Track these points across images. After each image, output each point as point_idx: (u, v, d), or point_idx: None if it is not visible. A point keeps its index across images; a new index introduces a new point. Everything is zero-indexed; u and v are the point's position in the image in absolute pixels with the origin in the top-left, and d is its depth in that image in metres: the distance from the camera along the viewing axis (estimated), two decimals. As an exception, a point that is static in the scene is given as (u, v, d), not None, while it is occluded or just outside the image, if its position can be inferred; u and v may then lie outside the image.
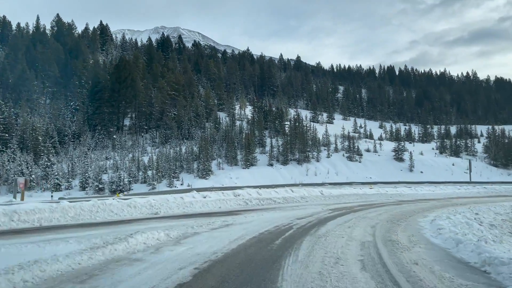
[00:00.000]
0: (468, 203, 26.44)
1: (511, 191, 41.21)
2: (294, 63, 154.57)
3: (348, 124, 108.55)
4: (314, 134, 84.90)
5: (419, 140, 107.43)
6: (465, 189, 39.20)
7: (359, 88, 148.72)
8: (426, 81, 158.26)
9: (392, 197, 30.58)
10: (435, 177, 72.20)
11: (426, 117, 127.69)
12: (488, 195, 36.63)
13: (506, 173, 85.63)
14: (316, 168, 76.16)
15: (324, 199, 25.89)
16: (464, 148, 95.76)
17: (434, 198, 31.50)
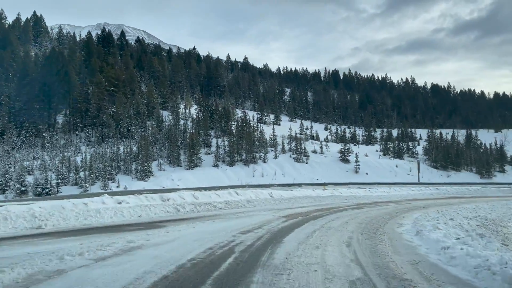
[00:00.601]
0: (430, 206, 23.48)
1: (462, 192, 39.19)
2: (242, 64, 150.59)
3: (295, 126, 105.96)
4: (261, 134, 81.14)
5: (363, 142, 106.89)
6: (419, 191, 36.63)
7: (305, 91, 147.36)
8: (368, 86, 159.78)
9: (347, 200, 26.94)
10: (379, 178, 70.88)
11: (369, 120, 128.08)
12: (442, 196, 34.24)
13: (445, 174, 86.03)
14: (263, 169, 72.33)
15: (275, 202, 21.62)
16: (406, 150, 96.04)
17: (391, 200, 28.33)
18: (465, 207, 23.90)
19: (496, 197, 35.85)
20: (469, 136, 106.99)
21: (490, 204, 26.95)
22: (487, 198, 32.99)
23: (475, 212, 21.59)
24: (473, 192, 40.76)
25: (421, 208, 21.66)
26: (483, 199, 31.72)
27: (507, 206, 27.23)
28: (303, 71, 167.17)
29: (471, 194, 38.76)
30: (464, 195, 35.96)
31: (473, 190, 41.40)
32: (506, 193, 41.44)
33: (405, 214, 17.89)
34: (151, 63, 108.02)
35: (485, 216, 19.97)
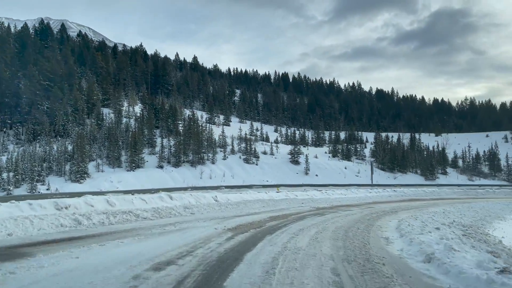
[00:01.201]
0: (397, 210, 20.48)
1: (419, 194, 36.72)
2: (191, 64, 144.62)
3: (245, 127, 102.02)
4: (210, 135, 76.41)
5: (313, 144, 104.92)
6: (376, 193, 33.68)
7: (255, 93, 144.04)
8: (317, 89, 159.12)
9: (305, 203, 23.16)
10: (329, 180, 68.50)
11: (317, 122, 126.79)
12: (402, 199, 31.49)
13: (392, 176, 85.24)
14: (211, 170, 67.66)
15: (220, 208, 17.30)
16: (354, 152, 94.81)
17: (351, 203, 24.95)
18: (434, 211, 20.90)
19: (454, 199, 33.61)
20: (413, 139, 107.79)
21: (456, 208, 24.20)
22: (447, 200, 30.50)
23: (447, 217, 18.96)
24: (429, 194, 38.55)
25: (390, 213, 18.29)
26: (444, 202, 29.21)
27: (473, 209, 24.79)
28: (253, 73, 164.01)
29: (428, 196, 36.48)
30: (422, 197, 33.54)
31: (429, 192, 39.23)
32: (460, 194, 39.54)
33: (379, 222, 14.24)
34: (94, 59, 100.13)
35: (460, 222, 17.26)
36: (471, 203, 27.29)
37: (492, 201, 31.09)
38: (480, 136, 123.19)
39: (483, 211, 24.16)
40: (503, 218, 22.88)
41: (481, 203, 28.41)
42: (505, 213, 25.29)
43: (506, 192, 43.58)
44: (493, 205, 27.43)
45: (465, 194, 39.91)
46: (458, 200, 31.36)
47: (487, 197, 38.01)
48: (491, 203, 28.25)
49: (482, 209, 24.95)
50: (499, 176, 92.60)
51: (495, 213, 24.07)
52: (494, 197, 38.91)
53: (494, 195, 42.08)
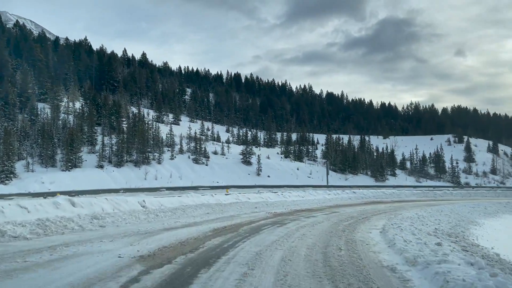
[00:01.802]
0: (368, 216, 17.31)
1: (379, 196, 33.75)
2: (140, 60, 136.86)
3: (195, 126, 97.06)
4: (156, 133, 70.74)
5: (265, 145, 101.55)
6: (335, 195, 30.29)
7: (207, 92, 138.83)
8: (269, 91, 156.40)
9: (258, 208, 19.14)
10: (282, 181, 65.39)
11: (269, 123, 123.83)
12: (364, 201, 28.27)
13: (344, 177, 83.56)
14: (157, 171, 62.25)
15: (147, 217, 12.80)
16: (306, 153, 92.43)
17: (311, 207, 21.32)
18: (407, 216, 17.82)
19: (416, 201, 30.84)
20: (363, 141, 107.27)
21: (426, 212, 21.13)
22: (410, 203, 27.60)
23: (426, 223, 15.70)
24: (390, 195, 35.80)
25: (362, 221, 14.89)
26: (409, 204, 26.23)
27: (443, 213, 22.03)
28: (205, 72, 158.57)
29: (389, 197, 33.69)
30: (384, 199, 30.61)
31: (389, 194, 36.49)
32: (420, 196, 37.10)
33: (358, 235, 10.44)
34: (31, 51, 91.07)
35: (442, 230, 14.60)
36: (438, 206, 24.44)
37: (455, 203, 28.55)
38: (425, 139, 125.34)
39: (454, 215, 21.28)
40: (476, 223, 20.19)
41: (447, 205, 25.66)
42: (475, 217, 22.67)
43: (463, 194, 41.95)
44: (459, 208, 24.75)
45: (424, 196, 37.62)
46: (422, 203, 28.59)
47: (447, 199, 35.84)
48: (457, 206, 25.58)
49: (452, 212, 22.09)
50: (444, 177, 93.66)
51: (465, 217, 21.34)
52: (453, 198, 36.89)
53: (452, 196, 40.22)
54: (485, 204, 27.31)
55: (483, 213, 23.93)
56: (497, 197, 44.08)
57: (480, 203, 28.94)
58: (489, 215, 24.05)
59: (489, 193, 44.72)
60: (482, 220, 21.73)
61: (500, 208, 26.75)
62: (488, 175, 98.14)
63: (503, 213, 25.26)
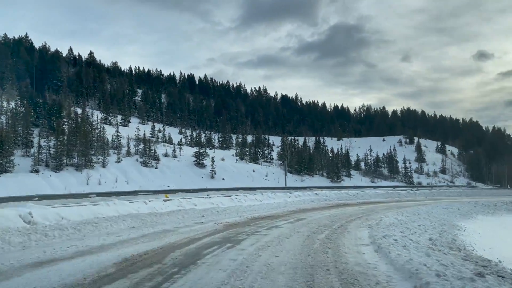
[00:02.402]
0: (341, 221, 14.21)
1: (344, 197, 30.74)
2: (87, 60, 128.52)
3: (146, 128, 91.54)
4: (102, 134, 64.88)
5: (219, 147, 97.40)
6: (297, 197, 26.88)
7: (159, 93, 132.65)
8: (224, 92, 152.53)
9: (206, 217, 15.43)
10: (237, 183, 61.66)
11: (224, 125, 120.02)
12: (330, 204, 25.21)
13: (300, 179, 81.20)
14: (101, 175, 56.68)
15: (22, 242, 8.66)
16: (262, 155, 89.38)
17: (272, 213, 17.93)
18: (389, 223, 14.57)
19: (384, 202, 28.04)
20: (318, 143, 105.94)
21: (403, 215, 18.14)
22: (379, 205, 24.71)
23: (413, 231, 13.07)
24: (353, 197, 32.89)
25: (340, 232, 11.41)
26: (378, 206, 23.28)
27: (421, 216, 19.90)
28: (157, 73, 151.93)
29: (354, 199, 30.84)
30: (350, 201, 27.75)
31: (353, 195, 33.56)
32: (385, 197, 34.52)
33: (351, 258, 6.88)
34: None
35: (436, 239, 11.89)
36: (411, 208, 21.69)
37: (427, 205, 25.96)
38: (378, 140, 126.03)
39: (433, 218, 18.65)
40: (458, 227, 17.63)
41: (420, 207, 22.90)
42: (453, 219, 20.15)
43: (426, 193, 39.99)
44: (434, 210, 22.11)
45: (389, 197, 35.14)
46: (391, 204, 25.82)
47: (412, 199, 33.45)
48: (430, 207, 22.94)
49: (429, 215, 19.35)
50: (397, 177, 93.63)
51: (446, 220, 18.85)
52: (418, 199, 34.65)
53: (416, 196, 38.08)
54: (456, 205, 24.93)
55: (459, 215, 21.36)
56: (459, 196, 42.59)
57: (451, 203, 26.53)
58: (465, 216, 21.53)
59: (452, 193, 43.24)
60: (461, 223, 19.11)
61: (472, 208, 24.48)
62: (438, 174, 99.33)
63: (476, 214, 22.88)
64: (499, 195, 45.99)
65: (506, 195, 47.57)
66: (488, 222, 20.60)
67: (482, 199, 31.97)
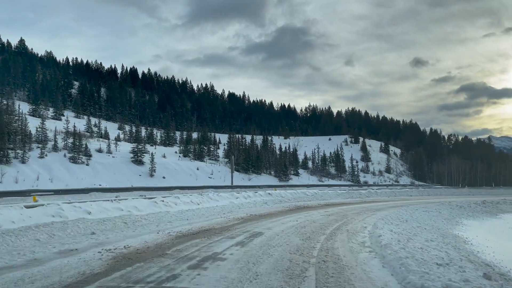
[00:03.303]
0: (321, 238, 8.40)
1: (300, 197, 25.77)
2: (17, 48, 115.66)
3: (81, 123, 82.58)
4: (23, 126, 56.12)
5: (162, 144, 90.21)
6: (246, 198, 21.57)
7: (98, 87, 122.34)
8: (169, 88, 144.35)
9: (97, 234, 9.77)
10: (179, 182, 55.75)
11: (168, 122, 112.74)
12: (288, 207, 20.04)
13: (247, 178, 76.43)
14: (19, 172, 48.46)
15: None
16: (207, 153, 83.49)
17: (212, 225, 12.50)
18: (389, 239, 8.93)
19: (348, 203, 23.42)
20: (266, 141, 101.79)
21: (391, 222, 12.97)
22: (346, 207, 19.87)
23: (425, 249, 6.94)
24: (312, 197, 28.08)
25: (330, 258, 6.13)
26: (348, 209, 18.46)
27: (409, 222, 14.15)
28: (97, 65, 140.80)
29: (312, 200, 26.18)
30: (309, 203, 22.95)
31: (311, 195, 28.64)
32: (345, 197, 30.04)
33: None
34: None
35: None
36: (388, 211, 17.17)
37: (396, 206, 21.63)
38: (324, 140, 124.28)
39: (425, 225, 13.82)
40: (457, 237, 12.94)
41: (398, 211, 18.40)
42: (442, 225, 15.53)
43: (388, 193, 36.25)
44: (414, 213, 17.64)
45: (350, 197, 30.78)
46: (359, 206, 21.26)
47: (377, 200, 29.28)
48: (408, 211, 18.45)
49: (415, 220, 15.03)
50: (344, 176, 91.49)
51: (440, 228, 14.00)
52: (381, 199, 30.56)
53: (378, 196, 34.14)
54: (433, 207, 20.89)
55: (444, 220, 17.17)
56: (422, 196, 39.40)
57: (425, 205, 22.40)
58: (451, 221, 17.42)
59: (413, 192, 39.94)
60: (456, 231, 14.61)
61: (451, 211, 20.51)
62: (383, 173, 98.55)
63: (460, 218, 18.77)
64: (460, 195, 43.64)
65: (466, 194, 45.37)
66: (479, 228, 16.45)
67: (452, 200, 28.67)
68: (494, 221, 19.92)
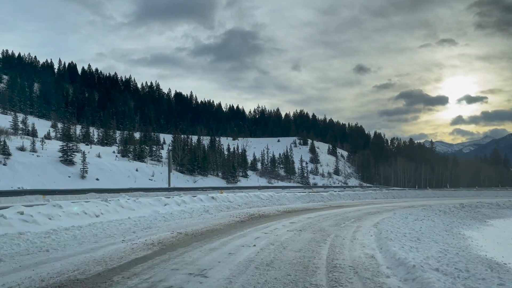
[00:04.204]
0: None
1: (255, 202, 20.86)
2: None
3: (8, 119, 72.91)
4: None
5: (99, 143, 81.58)
6: (179, 205, 15.56)
7: (30, 81, 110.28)
8: (111, 85, 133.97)
9: None
10: (114, 184, 48.66)
11: (109, 120, 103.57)
12: (238, 217, 14.21)
13: (192, 179, 70.43)
14: None
15: None
16: (149, 153, 76.29)
17: (99, 263, 5.77)
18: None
19: (312, 209, 18.56)
20: (213, 141, 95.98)
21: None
22: (316, 215, 14.92)
23: None
24: (267, 201, 22.36)
25: None
26: (318, 218, 13.33)
27: (405, 236, 8.56)
28: (30, 59, 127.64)
29: (270, 205, 20.89)
30: (266, 211, 17.49)
31: (266, 199, 22.79)
32: (306, 200, 25.07)
33: None
34: None
35: None
36: (370, 221, 12.20)
37: (373, 213, 16.94)
38: (273, 141, 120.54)
39: (433, 240, 8.80)
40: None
41: (381, 218, 13.56)
42: (448, 240, 10.52)
43: (351, 195, 31.79)
44: (407, 222, 12.77)
45: (311, 200, 25.78)
46: (328, 213, 16.45)
47: (344, 204, 24.51)
48: (399, 218, 13.66)
49: (416, 233, 9.67)
50: (294, 178, 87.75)
51: (446, 242, 9.08)
52: (350, 203, 25.84)
53: (341, 199, 29.51)
54: (412, 212, 16.44)
55: (445, 231, 12.46)
56: (387, 198, 35.43)
57: (411, 211, 17.84)
58: (451, 233, 12.76)
59: (377, 194, 35.88)
60: (473, 250, 9.93)
61: (443, 220, 16.02)
62: (332, 175, 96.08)
63: (458, 228, 14.29)
64: (426, 197, 40.39)
65: (431, 196, 42.26)
66: (484, 241, 12.19)
67: (425, 203, 24.74)
68: (491, 230, 15.74)
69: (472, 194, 47.62)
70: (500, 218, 20.06)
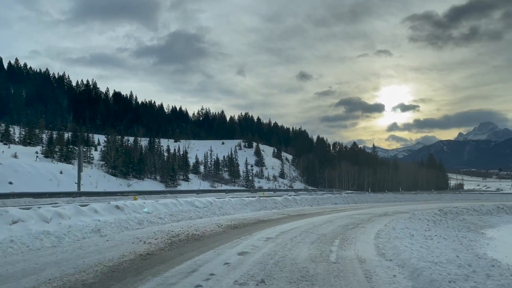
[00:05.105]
0: None
1: (184, 212, 14.79)
2: None
3: None
4: None
5: (22, 143, 71.43)
6: (49, 222, 9.60)
7: None
8: (42, 82, 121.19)
9: None
10: (32, 188, 41.04)
11: (37, 119, 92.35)
12: (151, 242, 8.29)
13: (126, 183, 63.30)
14: None
15: None
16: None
17: None
18: None
19: (270, 221, 13.18)
20: (152, 142, 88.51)
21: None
22: (273, 229, 9.35)
23: None
24: (204, 210, 16.45)
25: None
26: (277, 232, 7.79)
27: None
28: None
29: (207, 215, 15.28)
30: (201, 223, 11.65)
31: (203, 207, 16.90)
32: (257, 207, 19.88)
33: None
34: None
35: None
36: (351, 234, 7.21)
37: (347, 221, 12.07)
38: (217, 143, 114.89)
39: None
40: None
41: (368, 229, 8.70)
42: None
43: (309, 200, 27.09)
44: (403, 236, 8.03)
45: (262, 208, 20.34)
46: (289, 227, 11.08)
47: (304, 212, 19.70)
48: (389, 230, 8.98)
49: (450, 263, 4.69)
50: (238, 182, 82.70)
51: None
52: (313, 210, 21.06)
53: (298, 205, 24.70)
54: (393, 219, 11.95)
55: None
56: (348, 204, 31.13)
57: (397, 224, 13.27)
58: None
59: (337, 199, 31.46)
60: None
61: (436, 231, 11.77)
62: (278, 179, 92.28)
63: (477, 248, 9.93)
64: (388, 201, 36.84)
65: (393, 200, 38.80)
66: None
67: (397, 208, 20.79)
68: (492, 243, 11.45)
69: (434, 198, 45.54)
70: (491, 227, 16.36)
